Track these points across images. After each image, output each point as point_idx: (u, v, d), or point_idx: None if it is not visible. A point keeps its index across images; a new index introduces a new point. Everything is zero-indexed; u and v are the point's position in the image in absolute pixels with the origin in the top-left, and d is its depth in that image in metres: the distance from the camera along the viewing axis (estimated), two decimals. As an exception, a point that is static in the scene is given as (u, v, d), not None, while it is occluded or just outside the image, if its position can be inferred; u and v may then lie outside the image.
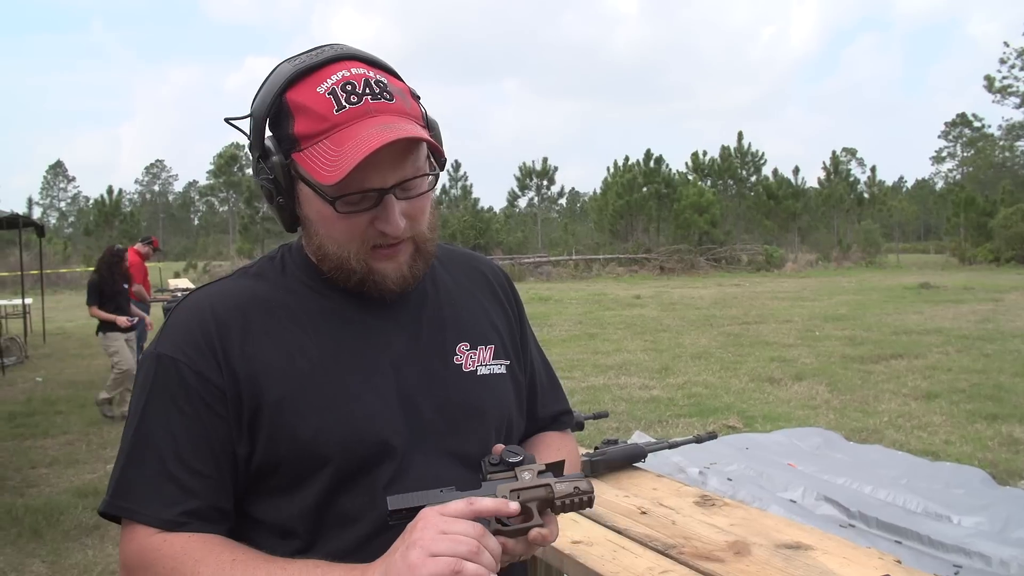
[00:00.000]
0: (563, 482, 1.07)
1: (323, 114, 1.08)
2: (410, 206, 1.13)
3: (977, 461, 5.72)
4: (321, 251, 1.16)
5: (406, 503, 1.02)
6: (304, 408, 1.11)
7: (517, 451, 1.09)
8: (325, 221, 1.13)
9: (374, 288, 1.16)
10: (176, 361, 1.11)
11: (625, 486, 2.12)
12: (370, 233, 1.12)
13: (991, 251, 39.35)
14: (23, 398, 9.26)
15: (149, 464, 1.08)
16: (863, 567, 1.50)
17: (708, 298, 21.39)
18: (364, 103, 1.08)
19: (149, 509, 1.07)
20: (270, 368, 1.12)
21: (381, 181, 1.09)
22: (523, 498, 1.05)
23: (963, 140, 72.06)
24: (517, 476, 1.07)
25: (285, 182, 1.13)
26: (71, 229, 73.16)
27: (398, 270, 1.16)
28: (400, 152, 1.09)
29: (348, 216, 1.10)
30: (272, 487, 1.13)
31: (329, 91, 1.09)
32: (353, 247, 1.13)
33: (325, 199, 1.10)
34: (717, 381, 9.30)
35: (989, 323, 14.02)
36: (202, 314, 1.15)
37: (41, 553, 4.57)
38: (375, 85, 1.10)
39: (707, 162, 48.89)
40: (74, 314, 20.62)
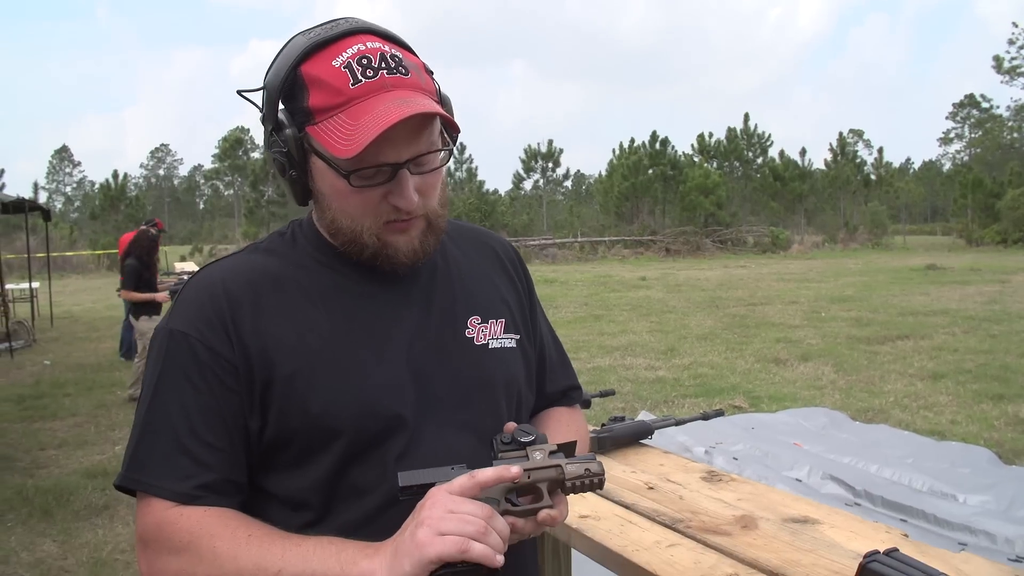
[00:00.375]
0: (574, 463, 1.07)
1: (339, 87, 1.07)
2: (423, 181, 1.13)
3: (983, 441, 5.72)
4: (334, 225, 1.16)
5: (416, 480, 1.02)
6: (315, 382, 1.11)
7: (529, 430, 1.09)
8: (339, 195, 1.12)
9: (386, 262, 1.16)
10: (188, 336, 1.11)
11: (632, 462, 2.13)
12: (383, 207, 1.12)
13: (998, 232, 39.18)
14: (31, 381, 9.31)
15: (163, 438, 1.09)
16: (870, 540, 1.50)
17: (714, 280, 21.36)
18: (380, 77, 1.08)
19: (164, 482, 1.07)
20: (281, 343, 1.12)
21: (396, 156, 1.08)
22: (533, 478, 1.04)
23: (971, 121, 71.51)
24: (528, 456, 1.07)
25: (298, 155, 1.13)
26: (77, 213, 73.32)
27: (410, 244, 1.15)
28: (415, 127, 1.08)
29: (362, 190, 1.10)
30: (284, 461, 1.13)
31: (345, 64, 1.08)
32: (367, 221, 1.13)
33: (339, 173, 1.09)
34: (723, 362, 9.30)
35: (996, 304, 13.98)
36: (213, 289, 1.15)
37: (52, 533, 4.61)
38: (391, 59, 1.10)
39: (713, 144, 48.67)
40: (80, 298, 20.71)
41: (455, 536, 0.93)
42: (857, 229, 44.19)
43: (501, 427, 1.22)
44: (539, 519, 1.05)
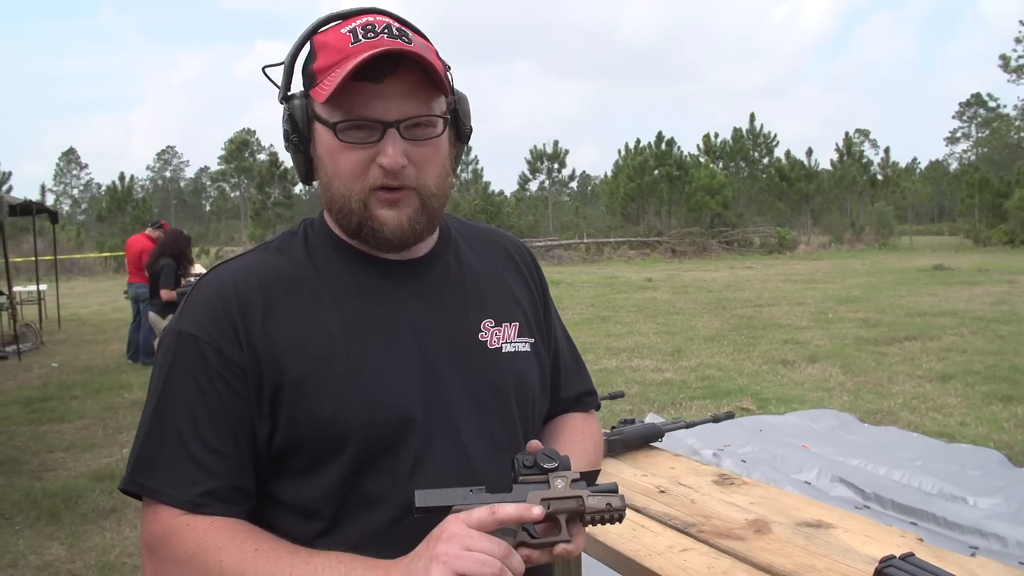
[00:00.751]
0: (596, 495, 1.04)
1: (340, 47, 1.08)
2: (415, 150, 1.11)
3: (993, 443, 5.69)
4: (328, 193, 1.15)
5: (433, 501, 1.00)
6: (324, 386, 1.10)
7: (553, 455, 1.05)
8: (331, 156, 1.12)
9: (371, 235, 1.14)
10: (197, 339, 1.10)
11: (643, 465, 2.12)
12: (373, 172, 1.11)
13: (1006, 232, 39.04)
14: (39, 383, 9.32)
15: (169, 442, 1.08)
16: (885, 545, 1.49)
17: (720, 281, 21.32)
18: (380, 39, 1.08)
19: (170, 488, 1.06)
20: (291, 346, 1.11)
21: (384, 112, 1.08)
22: (553, 508, 1.02)
23: (978, 120, 71.43)
24: (550, 483, 1.03)
25: (302, 121, 1.13)
26: (84, 216, 73.47)
27: (397, 219, 1.13)
28: (409, 88, 1.08)
29: (350, 148, 1.10)
30: (294, 468, 1.12)
31: (350, 29, 1.10)
32: (356, 185, 1.12)
33: (327, 126, 1.10)
34: (730, 363, 9.28)
35: (1004, 305, 13.92)
36: (223, 291, 1.13)
37: (60, 536, 4.61)
38: (396, 30, 1.10)
39: (719, 144, 48.61)
40: (88, 300, 20.76)
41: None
42: (864, 229, 44.07)
43: (515, 432, 1.21)
44: (555, 552, 1.03)
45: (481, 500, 1.01)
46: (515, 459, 1.06)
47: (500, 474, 1.16)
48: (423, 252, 1.24)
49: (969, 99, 72.65)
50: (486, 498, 1.01)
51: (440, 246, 1.27)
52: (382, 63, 1.06)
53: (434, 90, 1.11)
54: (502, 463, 1.16)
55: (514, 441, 1.21)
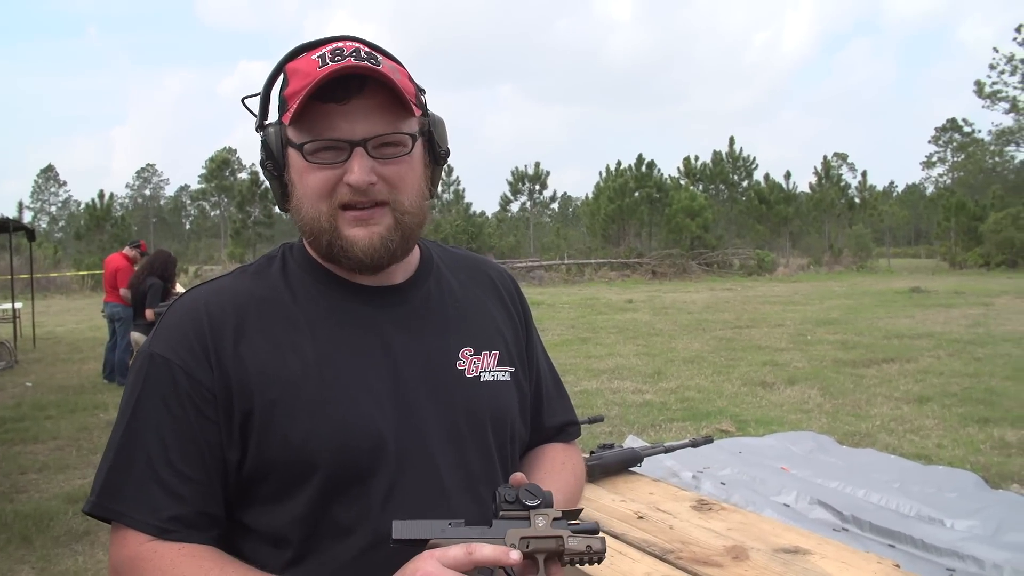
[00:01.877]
0: (576, 536, 1.02)
1: (307, 71, 1.08)
2: (385, 168, 1.11)
3: (969, 465, 5.73)
4: (300, 216, 1.14)
5: (410, 533, 0.99)
6: (296, 411, 1.09)
7: (536, 492, 1.04)
8: (301, 178, 1.12)
9: (342, 255, 1.14)
10: (169, 361, 1.09)
11: (621, 490, 2.11)
12: (341, 190, 1.10)
13: (981, 255, 39.54)
14: (12, 403, 9.19)
15: (137, 466, 1.07)
16: (861, 571, 1.49)
17: (700, 302, 21.41)
18: (347, 61, 1.08)
19: (137, 513, 1.05)
20: (263, 370, 1.10)
21: (350, 132, 1.08)
22: (532, 547, 1.00)
23: (953, 145, 72.30)
24: (531, 521, 1.02)
25: (277, 147, 1.13)
26: (61, 233, 72.87)
27: (368, 238, 1.12)
28: (375, 107, 1.09)
29: (318, 168, 1.10)
30: (264, 494, 1.11)
31: (319, 55, 1.10)
32: (323, 205, 1.11)
33: (296, 148, 1.10)
34: (710, 385, 9.29)
35: (980, 327, 14.06)
36: (196, 314, 1.13)
37: (31, 559, 4.53)
38: (363, 53, 1.10)
39: (699, 167, 49.06)
40: (64, 319, 20.54)
41: None
42: (842, 252, 44.49)
43: (491, 463, 1.20)
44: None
45: (460, 534, 0.99)
46: (497, 492, 1.05)
47: (475, 505, 1.15)
48: (402, 278, 1.23)
49: (945, 124, 73.62)
50: (465, 532, 1.00)
51: (421, 273, 1.26)
52: (348, 84, 1.07)
53: (402, 109, 1.10)
54: (477, 493, 1.15)
55: (490, 471, 1.20)
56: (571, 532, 1.03)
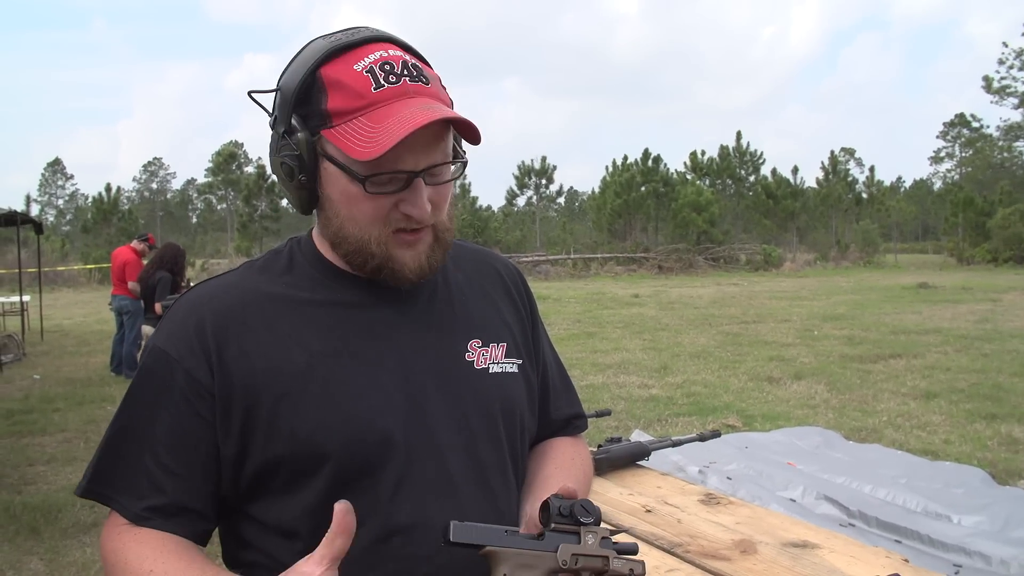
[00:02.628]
0: (621, 558, 1.05)
1: (360, 91, 1.05)
2: (435, 192, 1.11)
3: (976, 461, 5.72)
4: (340, 234, 1.13)
5: (468, 537, 0.99)
6: (303, 405, 1.09)
7: (589, 509, 1.05)
8: (349, 201, 1.10)
9: (391, 276, 1.13)
10: (168, 356, 1.10)
11: (629, 484, 2.11)
12: (394, 216, 1.10)
13: (989, 251, 39.39)
14: (21, 395, 9.23)
15: (127, 454, 1.10)
16: (870, 566, 1.49)
17: (707, 297, 21.39)
18: (403, 83, 1.06)
19: (122, 498, 1.09)
20: (269, 365, 1.10)
21: (414, 163, 1.07)
22: (580, 564, 1.02)
23: (961, 140, 72.08)
24: (580, 537, 1.04)
25: (309, 159, 1.10)
26: (69, 227, 73.10)
27: (417, 259, 1.13)
28: (433, 136, 1.07)
29: (375, 197, 1.08)
30: (273, 488, 1.11)
31: (367, 69, 1.06)
32: (375, 230, 1.10)
33: (355, 178, 1.07)
34: (716, 380, 9.29)
35: (987, 323, 14.02)
36: (200, 311, 1.13)
37: (39, 551, 4.55)
38: (412, 68, 1.09)
39: (706, 161, 48.92)
40: (72, 312, 20.61)
41: None
42: (849, 247, 44.37)
43: (501, 455, 1.20)
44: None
45: (515, 543, 1.01)
46: (550, 501, 1.05)
47: (485, 497, 1.15)
48: None
49: (953, 119, 73.38)
50: (519, 542, 1.01)
51: None
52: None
53: (449, 132, 1.10)
54: (487, 486, 1.15)
55: (500, 464, 1.19)
56: (616, 553, 1.05)
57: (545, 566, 1.01)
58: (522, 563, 1.01)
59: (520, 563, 1.00)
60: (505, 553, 1.00)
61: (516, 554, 1.01)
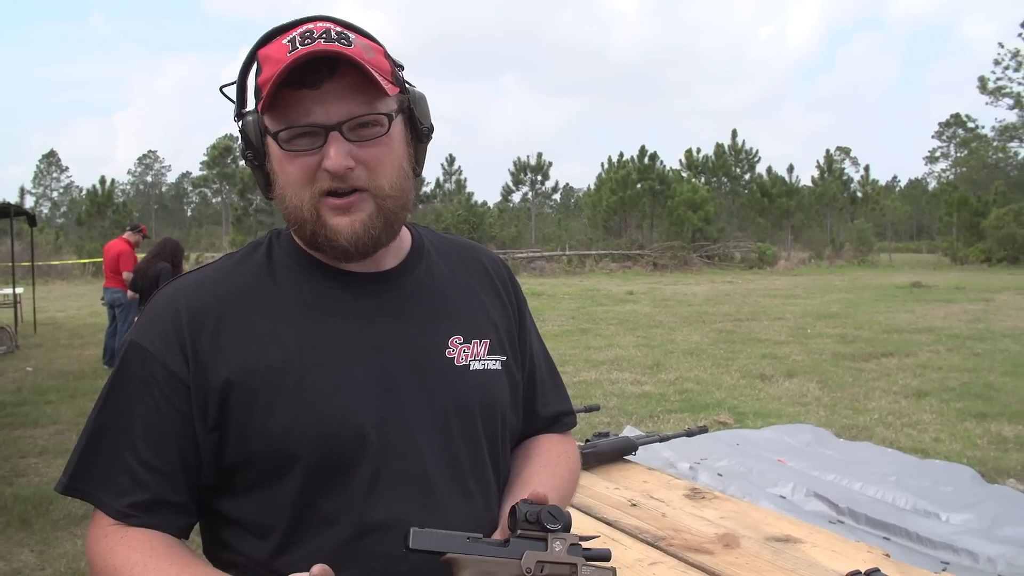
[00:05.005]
0: (590, 566, 1.04)
1: (278, 57, 1.06)
2: (363, 151, 1.08)
3: (966, 459, 5.74)
4: (283, 205, 1.12)
5: (428, 545, 0.97)
6: (276, 402, 1.08)
7: (557, 515, 1.03)
8: (281, 167, 1.10)
9: (327, 244, 1.12)
10: (145, 350, 1.10)
11: (615, 478, 2.12)
12: (320, 178, 1.08)
13: (983, 251, 39.50)
14: (13, 388, 9.21)
15: (106, 450, 1.09)
16: (852, 560, 1.50)
17: (701, 295, 21.41)
18: (316, 43, 1.06)
19: (104, 495, 1.08)
20: (242, 360, 1.09)
21: (325, 116, 1.06)
22: (546, 571, 1.01)
23: (956, 141, 72.21)
24: (548, 544, 1.02)
25: (256, 137, 1.11)
26: (63, 219, 72.85)
27: (351, 226, 1.10)
28: (348, 89, 1.06)
29: (297, 156, 1.07)
30: (245, 485, 1.10)
31: (289, 39, 1.07)
32: (305, 193, 1.09)
33: (272, 136, 1.08)
34: (709, 377, 9.31)
35: (980, 323, 14.06)
36: (175, 305, 1.12)
37: (30, 542, 4.55)
38: (335, 33, 1.08)
39: (701, 159, 48.96)
40: (65, 304, 20.56)
41: None
42: (843, 246, 44.46)
43: (479, 453, 1.18)
44: None
45: (478, 550, 0.99)
46: (517, 507, 1.04)
47: (462, 496, 1.14)
48: (391, 265, 1.21)
49: (948, 119, 73.52)
50: (483, 549, 1.00)
51: (411, 259, 1.24)
52: (319, 67, 1.05)
53: (376, 89, 1.07)
54: (464, 484, 1.15)
55: (478, 462, 1.18)
56: (585, 561, 1.03)
57: (509, 573, 1.00)
58: (485, 571, 0.99)
59: (483, 571, 0.99)
60: (467, 560, 0.99)
61: (478, 561, 0.99)
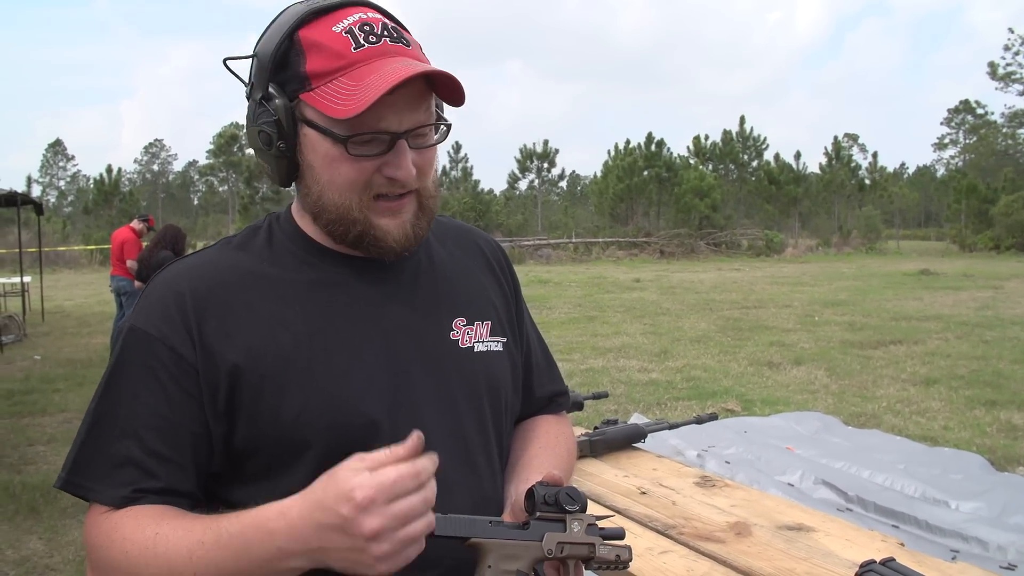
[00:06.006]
0: (607, 545, 1.07)
1: (340, 51, 1.03)
2: (420, 156, 1.08)
3: (975, 447, 5.72)
4: (320, 202, 1.09)
5: (452, 530, 0.99)
6: (286, 386, 1.06)
7: (575, 496, 1.05)
8: (331, 165, 1.06)
9: (373, 244, 1.10)
10: (148, 335, 1.06)
11: (625, 466, 2.10)
12: (376, 180, 1.07)
13: (991, 238, 39.34)
14: (21, 376, 9.25)
15: (108, 441, 1.05)
16: (865, 549, 1.48)
17: (708, 282, 21.37)
18: (383, 43, 1.04)
19: (107, 488, 1.04)
20: (250, 345, 1.07)
21: (397, 124, 1.04)
22: (566, 552, 1.03)
23: (965, 127, 71.93)
24: (567, 525, 1.05)
25: (288, 125, 1.07)
26: (70, 208, 73.05)
27: (402, 227, 1.10)
28: (416, 96, 1.05)
29: (356, 160, 1.05)
30: (254, 472, 1.08)
31: (346, 30, 1.04)
32: (356, 195, 1.07)
33: (336, 139, 1.04)
34: (716, 365, 9.29)
35: (988, 310, 14.01)
36: (178, 288, 1.09)
37: (38, 530, 4.57)
38: (392, 30, 1.07)
39: (709, 146, 48.82)
40: (72, 293, 20.62)
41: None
42: (851, 233, 44.32)
43: (487, 435, 1.18)
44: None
45: (501, 534, 1.01)
46: (535, 489, 1.06)
47: (471, 477, 1.14)
48: None
49: (957, 106, 73.24)
50: (505, 531, 1.02)
51: None
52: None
53: (432, 95, 1.08)
54: (474, 465, 1.14)
55: (486, 444, 1.18)
56: (602, 540, 1.06)
57: (531, 555, 1.02)
58: (508, 554, 1.01)
59: (506, 554, 1.01)
60: (491, 544, 1.00)
61: (501, 544, 1.01)
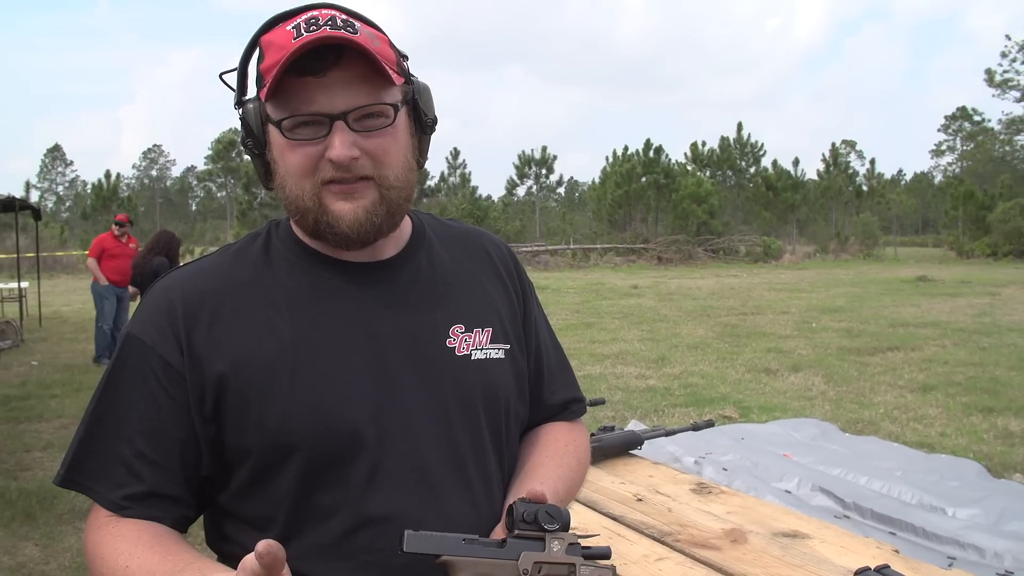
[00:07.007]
0: (588, 566, 1.02)
1: (282, 43, 1.04)
2: (368, 141, 1.07)
3: (972, 454, 5.72)
4: (286, 197, 1.11)
5: (422, 547, 0.97)
6: (271, 394, 1.07)
7: (555, 515, 1.02)
8: (282, 156, 1.09)
9: (329, 232, 1.10)
10: (141, 342, 1.10)
11: (621, 473, 2.11)
12: (323, 167, 1.07)
13: (989, 245, 39.40)
14: (18, 381, 9.22)
15: (102, 442, 1.09)
16: (860, 556, 1.49)
17: (705, 289, 21.38)
18: (323, 31, 1.04)
19: (101, 488, 1.08)
20: (238, 352, 1.08)
21: (329, 105, 1.04)
22: (544, 572, 1.00)
23: (963, 134, 71.99)
24: (546, 544, 1.01)
25: (256, 124, 1.10)
26: (68, 213, 72.94)
27: (353, 213, 1.08)
28: (354, 78, 1.05)
29: (300, 145, 1.06)
30: (244, 477, 1.10)
31: (293, 25, 1.06)
32: (306, 182, 1.08)
33: (275, 125, 1.07)
34: (713, 371, 9.29)
35: (986, 317, 14.02)
36: (171, 296, 1.12)
37: (34, 536, 4.55)
38: (340, 21, 1.06)
39: (706, 153, 48.90)
40: (70, 298, 20.57)
41: None
42: (848, 240, 44.35)
43: (481, 445, 1.17)
44: None
45: (472, 552, 0.98)
46: (514, 506, 1.03)
47: (463, 488, 1.13)
48: (390, 254, 1.19)
49: (955, 112, 73.24)
50: (477, 550, 0.99)
51: (411, 246, 1.22)
52: (324, 55, 1.03)
53: (382, 79, 1.06)
54: (465, 476, 1.13)
55: (480, 453, 1.16)
56: (584, 560, 1.02)
57: (505, 575, 0.99)
58: (481, 572, 0.98)
59: (479, 572, 0.98)
60: (462, 562, 0.98)
61: (474, 563, 0.98)
